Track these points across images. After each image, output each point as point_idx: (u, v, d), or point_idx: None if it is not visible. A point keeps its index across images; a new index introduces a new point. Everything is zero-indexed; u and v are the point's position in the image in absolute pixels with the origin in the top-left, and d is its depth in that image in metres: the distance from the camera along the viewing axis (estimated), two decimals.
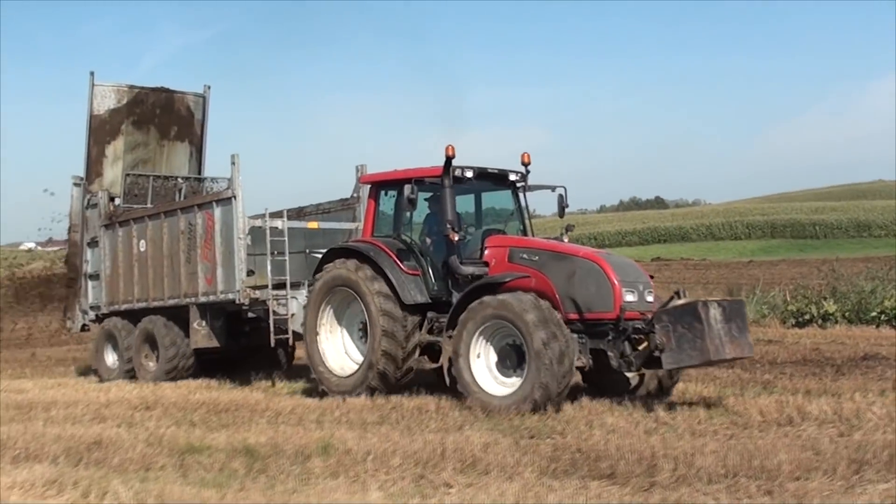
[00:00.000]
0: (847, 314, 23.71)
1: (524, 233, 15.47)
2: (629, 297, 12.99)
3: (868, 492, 7.53)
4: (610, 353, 12.87)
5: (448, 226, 14.04)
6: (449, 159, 14.07)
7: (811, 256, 59.92)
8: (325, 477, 8.82)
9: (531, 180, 15.45)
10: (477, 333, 13.06)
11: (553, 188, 15.48)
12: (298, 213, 19.42)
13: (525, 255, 13.85)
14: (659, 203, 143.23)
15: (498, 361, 13.13)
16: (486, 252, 14.32)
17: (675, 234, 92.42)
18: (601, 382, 13.76)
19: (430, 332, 14.34)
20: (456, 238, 14.08)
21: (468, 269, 14.10)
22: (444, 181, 14.21)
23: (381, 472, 8.91)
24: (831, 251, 65.33)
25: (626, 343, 12.78)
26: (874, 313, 23.39)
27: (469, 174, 14.49)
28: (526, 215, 15.61)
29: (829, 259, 40.79)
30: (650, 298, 13.41)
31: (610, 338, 12.88)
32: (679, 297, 12.89)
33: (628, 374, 13.49)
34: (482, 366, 13.12)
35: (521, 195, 15.60)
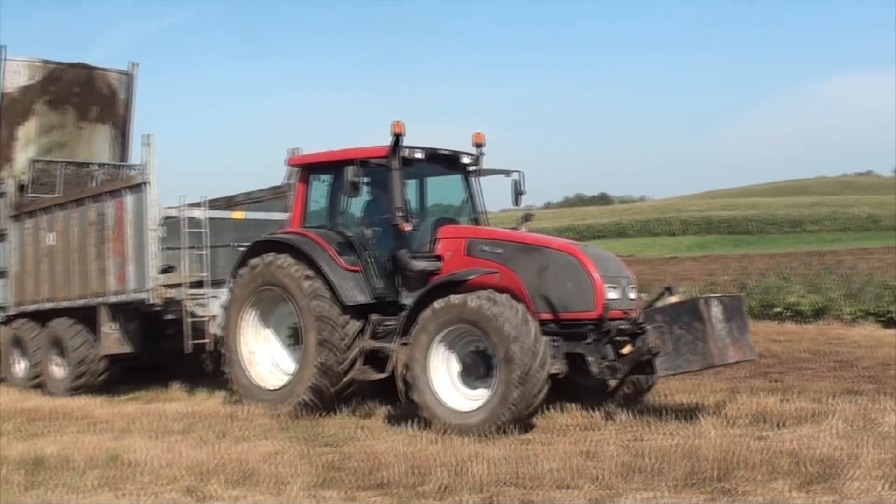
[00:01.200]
0: (752, 310, 22.49)
1: (477, 223, 13.07)
2: (611, 295, 10.80)
3: (626, 501, 7.20)
4: (589, 358, 10.63)
5: (398, 214, 11.58)
6: (397, 137, 11.63)
7: (735, 252, 58.21)
8: (94, 489, 8.33)
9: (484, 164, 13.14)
10: (437, 340, 10.73)
11: (508, 173, 13.16)
12: (227, 203, 16.78)
13: (486, 248, 11.51)
14: (604, 199, 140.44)
15: (462, 371, 10.81)
16: (439, 245, 11.95)
17: (612, 230, 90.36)
18: (568, 388, 11.46)
19: (373, 337, 11.90)
20: (407, 228, 11.65)
21: (420, 265, 11.71)
22: (391, 162, 11.77)
23: (155, 483, 8.43)
24: (765, 247, 63.90)
25: (609, 346, 10.56)
26: (778, 309, 22.47)
27: (419, 155, 12.11)
28: (479, 203, 13.19)
29: (749, 255, 39.85)
30: (633, 296, 11.26)
31: (590, 340, 10.65)
32: (671, 293, 10.74)
33: (609, 380, 11.23)
34: (444, 377, 10.81)
35: (473, 181, 13.18)
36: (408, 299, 11.75)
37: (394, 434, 10.37)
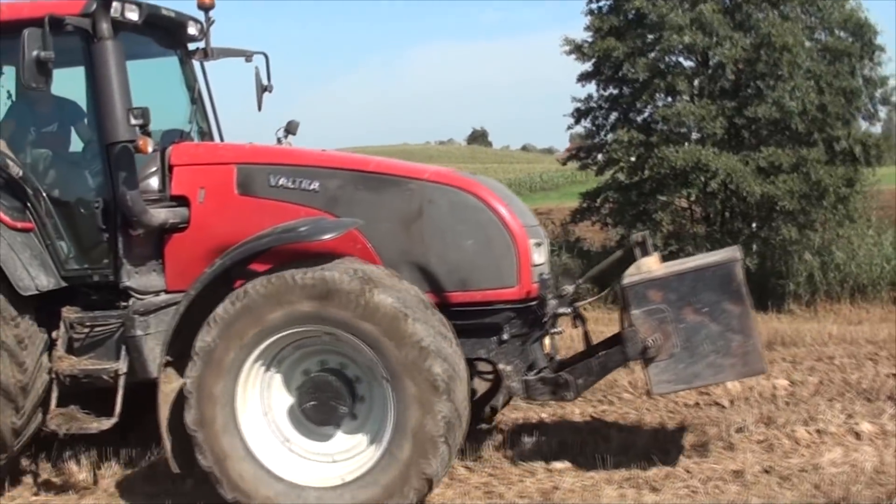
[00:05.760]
0: None
1: (208, 136, 7.38)
2: (538, 257, 5.93)
3: None
4: (505, 368, 5.78)
5: (132, 119, 5.70)
6: None
7: None
8: None
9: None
10: (255, 356, 5.30)
11: (249, 55, 7.45)
12: None
13: (284, 182, 6.02)
14: None
15: (299, 408, 5.47)
16: (175, 177, 6.21)
17: None
18: None
19: (70, 350, 6.04)
20: (150, 148, 5.82)
21: (160, 216, 5.96)
22: (99, 27, 5.83)
23: None
24: None
25: (537, 346, 5.81)
26: None
27: (133, 15, 6.13)
28: (209, 102, 7.48)
29: None
30: (545, 257, 6.40)
31: (506, 337, 5.76)
32: (644, 252, 5.97)
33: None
34: (262, 423, 5.46)
35: (197, 65, 7.42)
36: (133, 279, 6.07)
37: None
